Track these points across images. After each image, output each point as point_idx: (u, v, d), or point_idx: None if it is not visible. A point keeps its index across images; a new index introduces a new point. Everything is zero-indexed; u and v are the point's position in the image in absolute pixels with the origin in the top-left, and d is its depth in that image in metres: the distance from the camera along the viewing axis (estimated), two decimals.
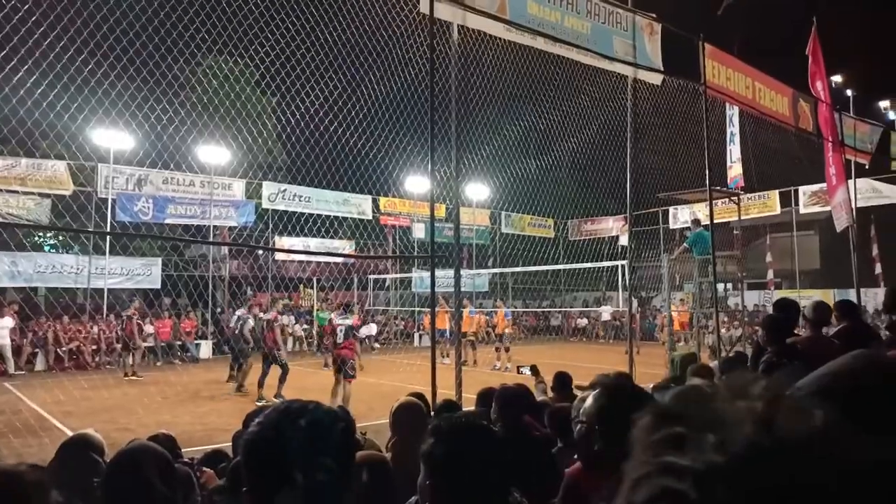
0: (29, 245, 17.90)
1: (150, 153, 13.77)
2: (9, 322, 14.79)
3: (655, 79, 8.08)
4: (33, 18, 6.00)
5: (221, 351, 17.84)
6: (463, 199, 22.27)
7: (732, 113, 13.04)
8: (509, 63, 7.67)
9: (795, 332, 4.95)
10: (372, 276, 24.78)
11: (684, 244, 11.56)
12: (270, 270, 22.93)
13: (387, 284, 26.02)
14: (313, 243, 21.85)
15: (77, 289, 18.25)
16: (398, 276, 25.59)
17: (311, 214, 20.94)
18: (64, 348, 16.05)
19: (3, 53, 5.81)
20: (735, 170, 13.83)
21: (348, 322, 9.98)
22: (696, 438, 0.47)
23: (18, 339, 15.58)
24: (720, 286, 10.86)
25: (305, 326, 21.48)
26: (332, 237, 22.09)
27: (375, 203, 23.63)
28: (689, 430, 0.48)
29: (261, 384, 11.03)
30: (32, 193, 16.86)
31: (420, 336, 23.02)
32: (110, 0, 6.73)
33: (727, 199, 12.88)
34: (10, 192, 16.44)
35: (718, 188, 11.35)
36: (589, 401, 1.71)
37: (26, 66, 6.28)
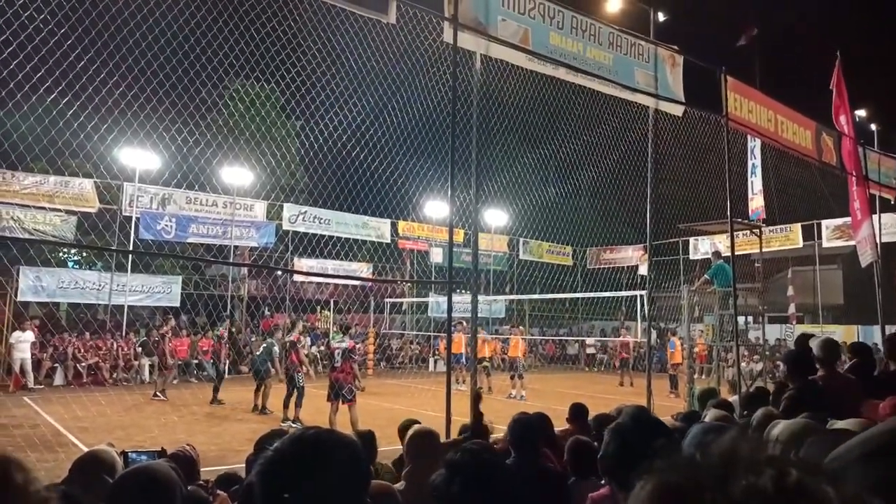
0: (53, 261, 18.22)
1: (176, 173, 14.03)
2: (30, 336, 14.99)
3: (677, 110, 8.08)
4: (69, 42, 6.19)
5: (238, 370, 17.88)
6: (481, 225, 22.30)
7: (754, 145, 12.99)
8: (531, 92, 7.74)
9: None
10: (388, 300, 24.79)
11: (705, 276, 11.45)
12: (289, 292, 23.05)
13: (403, 308, 26.01)
14: (331, 265, 21.97)
15: (98, 305, 18.49)
16: (415, 300, 25.58)
17: (330, 237, 21.10)
18: (83, 364, 16.20)
19: (38, 75, 5.99)
20: (756, 202, 13.72)
21: (344, 345, 9.97)
22: None
23: (38, 354, 15.77)
24: (741, 319, 10.71)
25: (322, 348, 21.49)
26: (350, 260, 22.21)
27: (394, 227, 23.75)
28: None
29: (286, 405, 11.08)
30: (59, 210, 17.20)
31: (435, 361, 22.91)
32: (143, 25, 6.93)
33: (748, 232, 12.76)
34: (38, 209, 16.78)
35: (740, 220, 11.26)
36: (606, 436, 1.71)
37: (59, 88, 6.47)
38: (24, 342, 14.75)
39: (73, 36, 6.20)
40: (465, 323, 15.72)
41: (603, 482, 2.18)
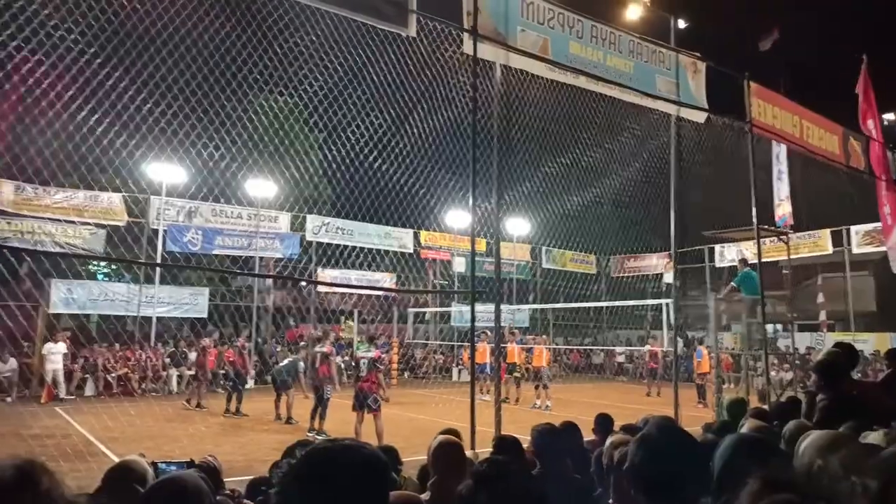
0: (84, 273, 18.58)
1: (202, 187, 14.29)
2: (62, 348, 15.27)
3: (699, 117, 8.02)
4: (98, 61, 6.36)
5: (264, 381, 18.02)
6: (503, 234, 22.22)
7: (780, 150, 12.78)
8: (551, 101, 7.74)
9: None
10: (412, 310, 24.82)
11: (732, 283, 11.28)
12: (313, 302, 23.21)
13: (426, 318, 26.02)
14: (354, 276, 22.09)
15: (127, 317, 18.81)
16: (438, 309, 25.59)
17: (353, 247, 21.24)
18: (113, 375, 16.47)
19: (69, 94, 6.16)
20: (783, 208, 13.49)
21: (370, 355, 10.01)
22: None
23: (70, 365, 16.06)
24: (769, 327, 10.54)
25: (346, 359, 21.57)
26: (373, 270, 22.32)
27: (416, 237, 23.81)
28: (803, 500, 0.47)
29: (313, 416, 11.17)
30: (89, 224, 17.56)
31: (459, 371, 22.87)
32: (169, 43, 7.09)
33: (776, 238, 12.57)
34: (69, 223, 17.16)
35: (766, 227, 11.09)
36: (631, 447, 1.70)
37: (90, 105, 6.64)
38: (56, 354, 15.04)
39: (102, 55, 6.37)
40: (488, 332, 15.67)
41: (611, 501, 2.16)
